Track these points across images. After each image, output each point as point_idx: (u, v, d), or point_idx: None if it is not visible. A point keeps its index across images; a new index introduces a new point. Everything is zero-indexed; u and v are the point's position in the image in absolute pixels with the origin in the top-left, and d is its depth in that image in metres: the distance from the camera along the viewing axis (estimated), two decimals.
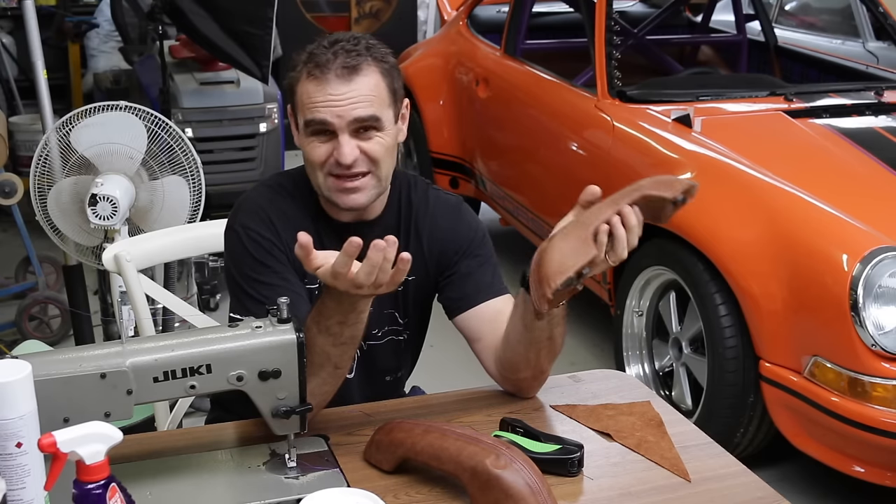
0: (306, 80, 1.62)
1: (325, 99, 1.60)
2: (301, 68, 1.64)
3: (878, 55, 5.04)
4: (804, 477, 2.99)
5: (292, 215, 1.70)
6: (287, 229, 1.68)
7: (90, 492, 1.16)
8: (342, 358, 1.54)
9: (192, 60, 4.55)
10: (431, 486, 1.45)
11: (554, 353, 1.66)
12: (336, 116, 1.60)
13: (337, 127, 1.61)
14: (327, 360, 1.52)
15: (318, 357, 1.51)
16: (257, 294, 1.64)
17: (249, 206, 1.71)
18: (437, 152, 4.90)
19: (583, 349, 3.89)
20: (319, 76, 1.60)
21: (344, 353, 1.53)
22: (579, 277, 1.49)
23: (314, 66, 1.61)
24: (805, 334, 2.69)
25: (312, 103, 1.61)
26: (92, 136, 2.91)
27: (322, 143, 1.63)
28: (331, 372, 1.54)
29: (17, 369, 1.22)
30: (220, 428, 1.66)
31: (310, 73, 1.61)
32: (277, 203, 1.71)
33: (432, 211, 1.78)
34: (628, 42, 4.64)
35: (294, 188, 1.74)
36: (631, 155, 3.45)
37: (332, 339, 1.50)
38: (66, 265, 3.34)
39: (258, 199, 1.71)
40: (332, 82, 1.60)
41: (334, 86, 1.60)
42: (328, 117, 1.60)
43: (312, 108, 1.61)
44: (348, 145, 1.61)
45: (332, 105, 1.60)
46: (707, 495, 1.47)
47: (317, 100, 1.60)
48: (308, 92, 1.61)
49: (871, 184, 3.04)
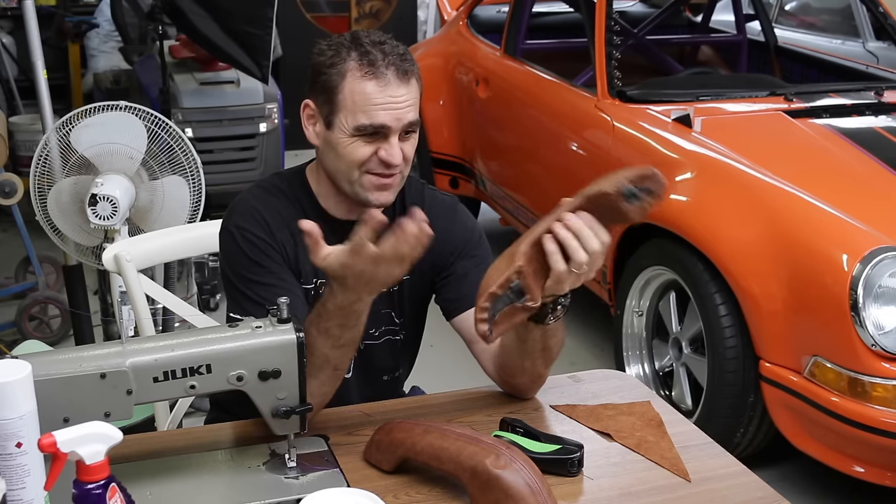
0: (362, 78, 1.58)
1: (384, 101, 1.58)
2: (347, 65, 1.59)
3: (878, 55, 5.04)
4: (804, 477, 2.99)
5: (287, 215, 1.70)
6: (282, 229, 1.68)
7: (90, 492, 1.16)
8: (342, 360, 1.54)
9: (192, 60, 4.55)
10: (431, 486, 1.45)
11: (550, 360, 1.66)
12: (395, 119, 1.59)
13: (393, 130, 1.60)
14: (327, 363, 1.53)
15: (317, 359, 1.51)
16: (254, 294, 1.64)
17: (243, 207, 1.70)
18: (437, 152, 4.90)
19: (583, 349, 3.89)
20: (379, 76, 1.58)
21: (343, 354, 1.53)
22: (520, 296, 1.44)
23: (369, 65, 1.58)
24: (805, 334, 2.69)
25: (372, 105, 1.58)
26: (92, 136, 2.91)
27: (367, 142, 1.61)
28: (330, 374, 1.54)
29: (17, 369, 1.22)
30: (220, 428, 1.66)
31: (366, 73, 1.58)
32: (272, 203, 1.70)
33: (427, 211, 1.78)
34: (628, 42, 4.64)
35: (289, 188, 1.73)
36: (631, 155, 3.45)
37: (331, 342, 1.51)
38: (66, 265, 3.34)
39: (252, 200, 1.71)
40: (392, 84, 1.58)
41: (394, 88, 1.58)
42: (388, 121, 1.59)
43: (371, 110, 1.58)
44: (397, 147, 1.61)
45: (393, 108, 1.59)
46: (707, 495, 1.47)
47: (377, 101, 1.58)
48: (365, 91, 1.58)
49: (871, 184, 3.04)
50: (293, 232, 1.69)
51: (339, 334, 1.50)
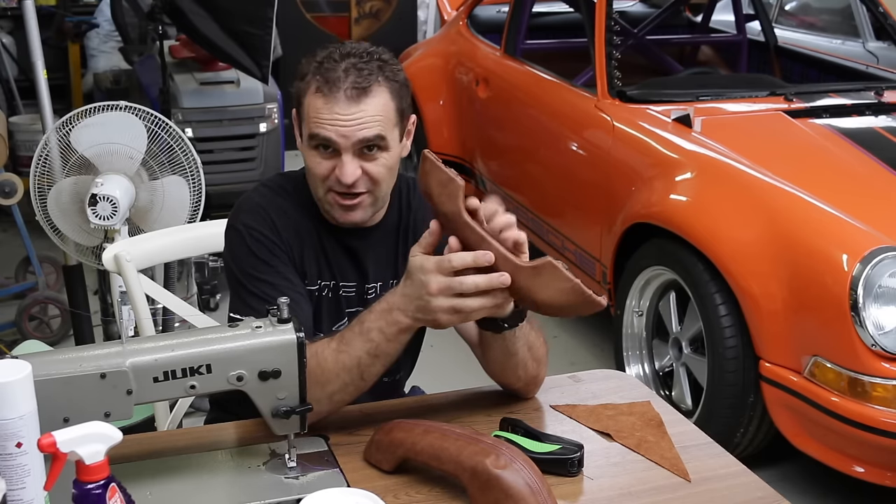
0: (314, 94, 1.60)
1: (331, 117, 1.59)
2: (309, 79, 1.62)
3: (878, 55, 5.04)
4: (804, 477, 2.99)
5: (293, 215, 1.71)
6: (288, 229, 1.69)
7: (90, 492, 1.16)
8: (370, 370, 1.53)
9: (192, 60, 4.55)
10: (431, 486, 1.45)
11: (538, 360, 1.66)
12: (341, 136, 1.59)
13: (341, 147, 1.60)
14: (356, 366, 1.52)
15: (349, 359, 1.51)
16: (260, 292, 1.64)
17: (251, 206, 1.71)
18: (437, 152, 4.87)
19: (583, 349, 3.89)
20: (328, 94, 1.59)
21: (374, 364, 1.52)
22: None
23: (324, 82, 1.59)
24: (805, 334, 2.69)
25: (319, 119, 1.60)
26: (92, 136, 2.91)
27: (324, 158, 1.63)
28: (355, 380, 1.53)
29: (17, 369, 1.22)
30: (220, 428, 1.66)
31: (318, 89, 1.60)
32: (278, 203, 1.71)
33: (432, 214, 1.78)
34: (628, 42, 4.64)
35: (294, 190, 1.74)
36: (631, 155, 3.45)
37: (368, 346, 1.50)
38: (66, 265, 3.34)
39: (259, 199, 1.72)
40: (341, 102, 1.58)
41: (342, 106, 1.58)
42: (333, 136, 1.59)
43: (318, 123, 1.60)
44: (350, 165, 1.61)
45: (339, 125, 1.59)
46: (707, 495, 1.47)
47: (323, 117, 1.59)
48: (315, 107, 1.60)
49: (871, 184, 3.04)
50: (298, 232, 1.70)
51: (377, 340, 1.50)
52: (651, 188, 3.25)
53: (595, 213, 3.58)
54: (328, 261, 1.72)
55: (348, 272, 1.74)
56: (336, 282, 1.73)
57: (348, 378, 1.53)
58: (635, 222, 3.27)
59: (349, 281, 1.74)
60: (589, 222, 3.63)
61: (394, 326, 1.49)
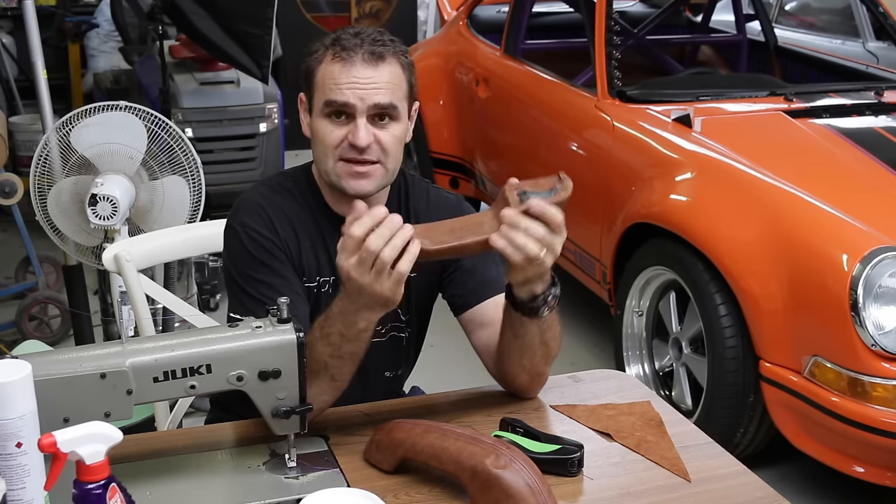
0: (331, 61, 1.64)
1: (349, 81, 1.62)
2: (324, 51, 1.65)
3: (878, 55, 5.04)
4: (804, 477, 2.99)
5: (292, 214, 1.71)
6: (285, 227, 1.69)
7: (90, 492, 1.16)
8: (339, 371, 1.54)
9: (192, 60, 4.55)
10: (431, 486, 1.45)
11: (549, 357, 1.67)
12: (358, 99, 1.62)
13: (357, 110, 1.62)
14: (324, 370, 1.53)
15: (316, 364, 1.52)
16: (257, 293, 1.64)
17: (248, 205, 1.71)
18: (437, 152, 4.90)
19: (583, 349, 3.89)
20: (346, 58, 1.62)
21: (342, 366, 1.54)
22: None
23: (340, 49, 1.63)
24: (805, 334, 2.69)
25: (336, 84, 1.62)
26: (92, 136, 2.91)
27: (338, 126, 1.64)
28: (328, 382, 1.55)
29: (17, 369, 1.22)
30: (220, 428, 1.66)
31: (336, 55, 1.63)
32: (277, 202, 1.71)
33: (433, 210, 1.79)
34: (628, 42, 4.64)
35: (294, 186, 1.74)
36: (631, 155, 3.45)
37: (330, 349, 1.51)
38: (66, 265, 3.34)
39: (257, 199, 1.72)
40: (358, 65, 1.62)
41: (360, 69, 1.62)
42: (350, 99, 1.62)
43: (335, 88, 1.62)
44: (365, 129, 1.63)
45: (356, 87, 1.61)
46: (707, 495, 1.47)
47: (341, 81, 1.62)
48: (332, 73, 1.63)
49: (871, 184, 3.04)
50: (296, 229, 1.70)
51: (338, 343, 1.51)
52: (651, 188, 3.25)
53: (595, 213, 3.58)
54: (329, 256, 1.72)
55: None
56: (336, 276, 1.73)
57: (321, 382, 1.54)
58: (635, 222, 3.27)
59: None
60: (589, 222, 3.63)
61: (352, 328, 1.50)
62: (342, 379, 1.56)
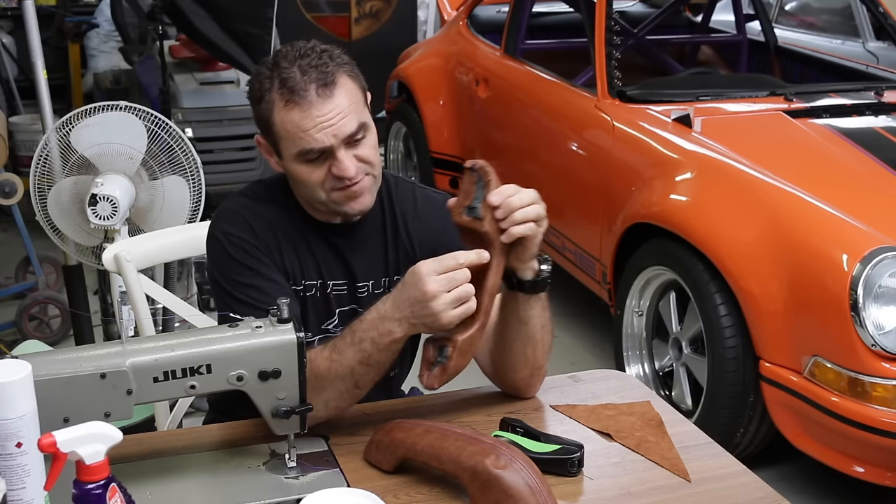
0: (285, 108, 1.59)
1: (314, 124, 1.57)
2: (272, 97, 1.60)
3: (878, 55, 5.04)
4: (804, 477, 2.99)
5: (271, 218, 1.71)
6: (266, 232, 1.69)
7: (90, 492, 1.16)
8: (363, 379, 1.54)
9: (192, 60, 4.56)
10: (431, 486, 1.45)
11: (546, 346, 1.67)
12: (331, 137, 1.58)
13: (334, 146, 1.60)
14: (349, 375, 1.53)
15: (340, 368, 1.52)
16: (246, 297, 1.63)
17: (227, 214, 1.71)
18: (437, 152, 4.90)
19: (583, 349, 3.89)
20: (300, 101, 1.57)
21: (367, 373, 1.54)
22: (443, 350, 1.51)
23: (289, 93, 1.58)
24: (805, 334, 2.69)
25: (304, 132, 1.58)
26: (92, 136, 2.90)
27: (317, 166, 1.62)
28: (349, 388, 1.55)
29: (17, 369, 1.22)
30: (220, 428, 1.66)
31: (288, 101, 1.58)
32: (255, 208, 1.71)
33: (421, 211, 1.78)
34: (628, 42, 4.64)
35: (269, 194, 1.74)
36: (631, 155, 3.45)
37: (360, 355, 1.52)
38: (66, 265, 3.34)
39: (235, 207, 1.72)
40: (315, 104, 1.57)
41: (318, 107, 1.57)
42: (325, 141, 1.58)
43: (305, 137, 1.58)
44: (348, 159, 1.60)
45: (324, 126, 1.58)
46: (707, 495, 1.47)
47: (307, 127, 1.58)
48: (293, 121, 1.58)
49: (871, 184, 3.04)
50: (277, 234, 1.70)
51: (369, 351, 1.51)
52: (651, 188, 3.25)
53: (595, 213, 3.58)
54: (315, 260, 1.72)
55: (336, 271, 1.74)
56: (324, 280, 1.73)
57: (343, 386, 1.55)
58: (635, 222, 3.27)
59: (338, 279, 1.74)
60: (589, 222, 3.63)
61: (386, 337, 1.50)
62: (364, 387, 1.56)
